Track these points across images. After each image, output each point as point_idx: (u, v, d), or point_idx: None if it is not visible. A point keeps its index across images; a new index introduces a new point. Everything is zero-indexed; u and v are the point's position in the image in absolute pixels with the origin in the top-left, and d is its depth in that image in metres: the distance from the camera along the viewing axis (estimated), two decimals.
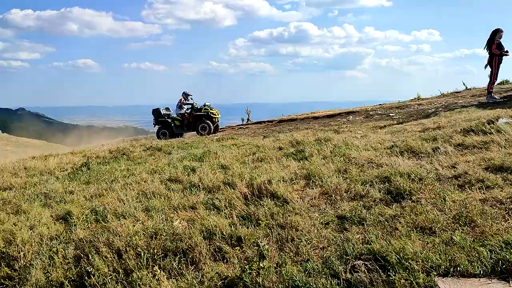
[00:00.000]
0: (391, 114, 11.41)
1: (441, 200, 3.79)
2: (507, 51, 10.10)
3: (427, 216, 3.48)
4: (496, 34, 10.19)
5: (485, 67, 10.52)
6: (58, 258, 3.50)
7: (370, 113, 12.77)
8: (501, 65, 10.27)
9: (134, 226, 3.98)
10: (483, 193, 3.84)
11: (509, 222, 3.20)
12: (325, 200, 4.33)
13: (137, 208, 4.50)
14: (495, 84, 10.79)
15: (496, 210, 3.46)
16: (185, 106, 15.39)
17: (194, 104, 15.29)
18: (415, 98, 15.25)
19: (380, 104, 15.83)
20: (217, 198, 4.63)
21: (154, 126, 16.21)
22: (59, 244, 3.79)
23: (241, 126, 16.56)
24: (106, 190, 5.35)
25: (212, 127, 14.69)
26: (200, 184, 5.19)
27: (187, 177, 5.59)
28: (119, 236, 3.72)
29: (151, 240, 3.65)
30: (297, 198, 4.42)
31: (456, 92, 14.36)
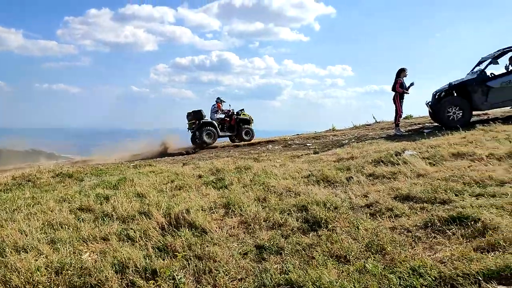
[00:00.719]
0: (308, 144, 11.82)
1: (355, 229, 3.92)
2: (409, 87, 11.01)
3: (342, 245, 3.57)
4: (400, 73, 11.11)
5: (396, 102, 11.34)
6: None
7: (289, 142, 13.15)
8: (403, 101, 11.17)
9: (37, 260, 3.62)
10: (392, 221, 4.05)
11: (416, 249, 3.38)
12: (244, 230, 4.29)
13: (41, 241, 4.11)
14: (401, 118, 11.70)
15: (404, 237, 3.64)
16: (220, 112, 15.87)
17: (230, 110, 15.86)
18: (330, 129, 16.02)
19: (298, 134, 16.40)
20: (131, 229, 4.39)
21: (190, 130, 15.89)
22: None
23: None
24: (6, 221, 4.84)
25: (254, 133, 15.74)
26: (114, 214, 4.90)
27: (99, 206, 5.26)
28: (18, 273, 3.35)
29: (55, 276, 3.33)
30: (216, 227, 4.33)
31: (367, 125, 15.32)
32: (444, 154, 6.33)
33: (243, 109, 16.16)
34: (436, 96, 10.52)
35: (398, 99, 11.12)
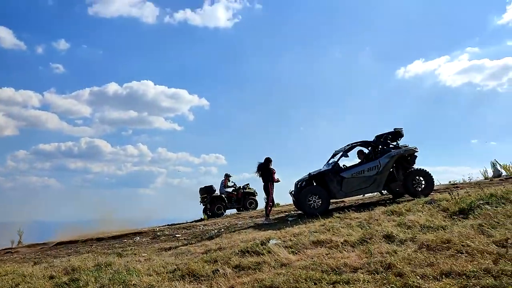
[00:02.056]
0: (177, 235, 11.47)
1: None
2: (278, 179, 11.62)
3: None
4: (270, 162, 11.60)
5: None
6: None
7: (158, 233, 12.62)
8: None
9: None
10: None
11: None
12: None
13: None
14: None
15: None
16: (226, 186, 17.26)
17: (235, 184, 17.43)
18: (201, 219, 15.89)
19: (168, 225, 15.89)
20: None
21: (202, 204, 16.87)
22: None
23: (9, 250, 14.16)
24: None
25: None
26: None
27: None
28: None
29: None
30: None
31: (237, 214, 15.58)
32: (305, 242, 6.63)
33: (248, 184, 17.68)
34: (298, 186, 11.23)
35: (271, 188, 11.55)
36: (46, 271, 6.84)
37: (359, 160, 11.57)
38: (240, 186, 17.61)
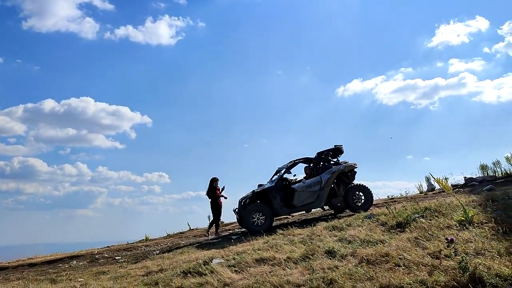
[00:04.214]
0: (117, 257, 11.00)
1: None
2: (222, 189, 11.84)
3: None
4: (214, 181, 11.90)
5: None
6: None
7: (96, 256, 12.04)
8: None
9: None
10: None
11: None
12: None
13: None
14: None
15: None
16: None
17: None
18: (143, 239, 15.36)
19: (108, 246, 15.21)
20: None
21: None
22: None
23: None
24: None
25: None
26: None
27: None
28: None
29: None
30: None
31: (181, 233, 15.21)
32: (249, 260, 6.56)
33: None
34: (242, 203, 11.18)
35: (220, 206, 12.08)
36: None
37: (303, 176, 11.72)
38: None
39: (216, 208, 12.17)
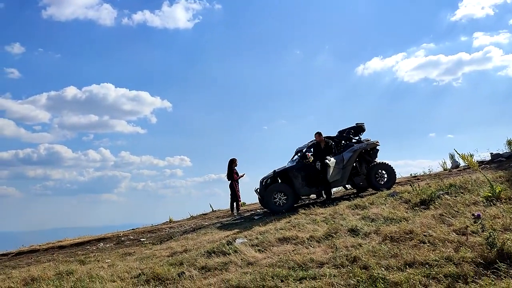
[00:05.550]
0: (142, 239, 11.21)
1: None
2: (243, 174, 12.03)
3: None
4: (233, 163, 12.01)
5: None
6: None
7: (122, 238, 12.29)
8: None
9: None
10: None
11: None
12: None
13: None
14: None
15: None
16: None
17: None
18: (167, 222, 15.59)
19: (133, 229, 15.50)
20: None
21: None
22: None
23: None
24: None
25: None
26: None
27: None
28: None
29: None
30: None
31: (204, 214, 15.36)
32: (272, 240, 6.59)
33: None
34: (263, 183, 11.20)
35: (236, 185, 12.25)
36: (4, 283, 6.51)
37: None
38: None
39: (232, 189, 12.35)
